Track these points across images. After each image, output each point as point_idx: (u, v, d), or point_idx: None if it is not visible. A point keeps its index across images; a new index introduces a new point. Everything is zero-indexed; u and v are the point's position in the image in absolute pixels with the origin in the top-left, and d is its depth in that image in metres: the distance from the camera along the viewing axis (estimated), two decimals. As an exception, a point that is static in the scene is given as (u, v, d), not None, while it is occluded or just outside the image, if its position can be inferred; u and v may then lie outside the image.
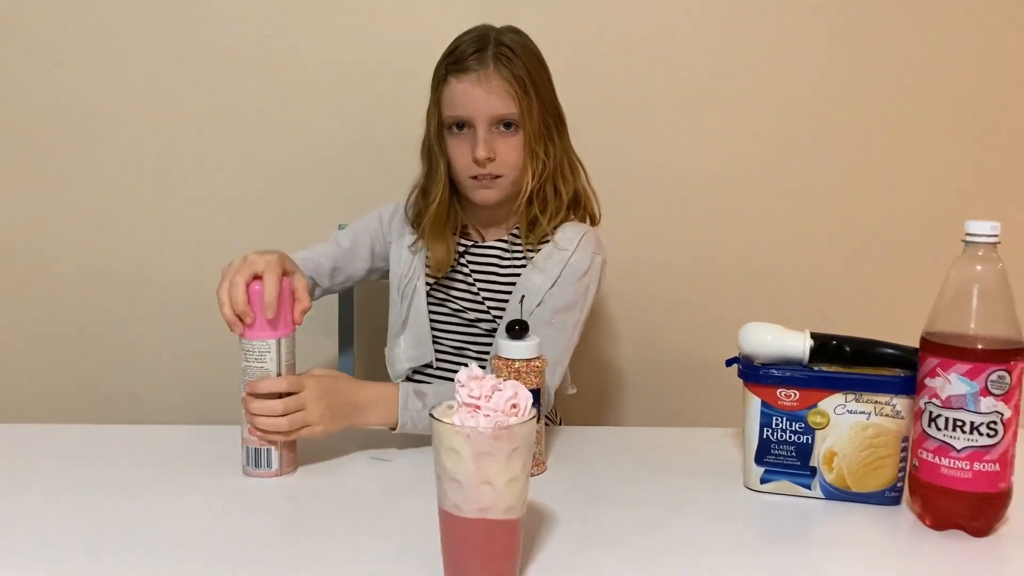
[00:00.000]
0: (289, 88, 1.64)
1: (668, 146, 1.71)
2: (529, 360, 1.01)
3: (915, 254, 1.74)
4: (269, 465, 1.04)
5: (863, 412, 0.97)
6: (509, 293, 1.26)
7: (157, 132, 1.63)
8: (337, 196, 1.66)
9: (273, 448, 1.04)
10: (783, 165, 1.73)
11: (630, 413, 1.67)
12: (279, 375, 1.04)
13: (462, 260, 1.30)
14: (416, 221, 1.31)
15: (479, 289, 1.29)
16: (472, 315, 1.28)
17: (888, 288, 1.76)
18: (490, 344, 1.29)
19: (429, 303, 1.31)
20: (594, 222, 1.31)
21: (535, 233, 1.25)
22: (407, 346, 1.31)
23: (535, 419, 0.78)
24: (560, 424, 1.41)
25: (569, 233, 1.25)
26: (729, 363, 1.05)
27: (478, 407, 0.75)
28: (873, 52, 1.71)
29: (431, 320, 1.30)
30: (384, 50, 1.63)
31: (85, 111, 1.62)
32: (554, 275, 1.23)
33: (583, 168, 1.30)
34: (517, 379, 0.96)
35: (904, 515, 0.96)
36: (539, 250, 1.25)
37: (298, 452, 1.08)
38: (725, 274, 1.72)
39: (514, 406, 0.76)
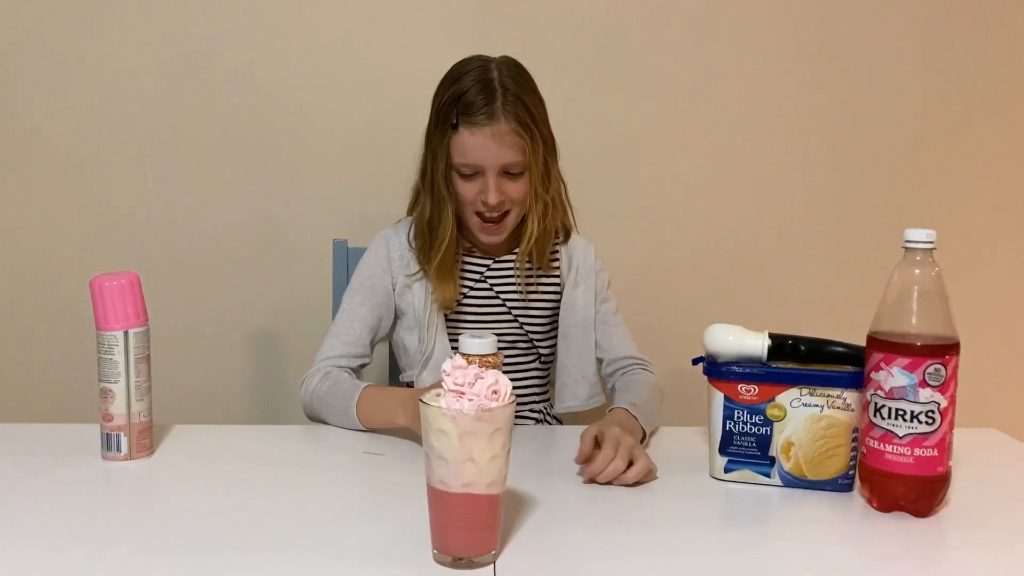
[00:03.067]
0: (285, 100, 1.73)
1: (630, 154, 1.82)
2: (484, 355, 1.07)
3: (862, 260, 1.88)
4: (119, 449, 1.11)
5: (817, 405, 1.05)
6: (538, 307, 1.37)
7: (150, 142, 1.72)
8: (332, 207, 1.75)
9: (122, 434, 1.11)
10: (744, 178, 1.85)
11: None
12: (127, 367, 1.10)
13: (483, 282, 1.39)
14: (423, 257, 1.36)
15: (509, 307, 1.39)
16: (510, 337, 1.37)
17: (838, 291, 1.90)
18: (524, 364, 1.40)
19: (448, 330, 1.38)
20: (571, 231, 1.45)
21: (542, 261, 1.38)
22: (430, 373, 1.35)
23: (514, 403, 0.86)
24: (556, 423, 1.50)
25: (581, 244, 1.43)
26: (695, 362, 1.13)
27: (463, 393, 0.84)
28: (826, 69, 1.84)
29: (452, 348, 1.36)
30: (382, 62, 1.73)
31: (83, 118, 1.71)
32: (592, 286, 1.40)
33: (564, 185, 1.40)
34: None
35: (856, 500, 1.05)
36: (555, 266, 1.40)
37: (153, 439, 1.14)
38: (690, 279, 1.86)
39: (495, 392, 0.84)
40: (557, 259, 1.43)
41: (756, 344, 1.09)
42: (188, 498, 1.02)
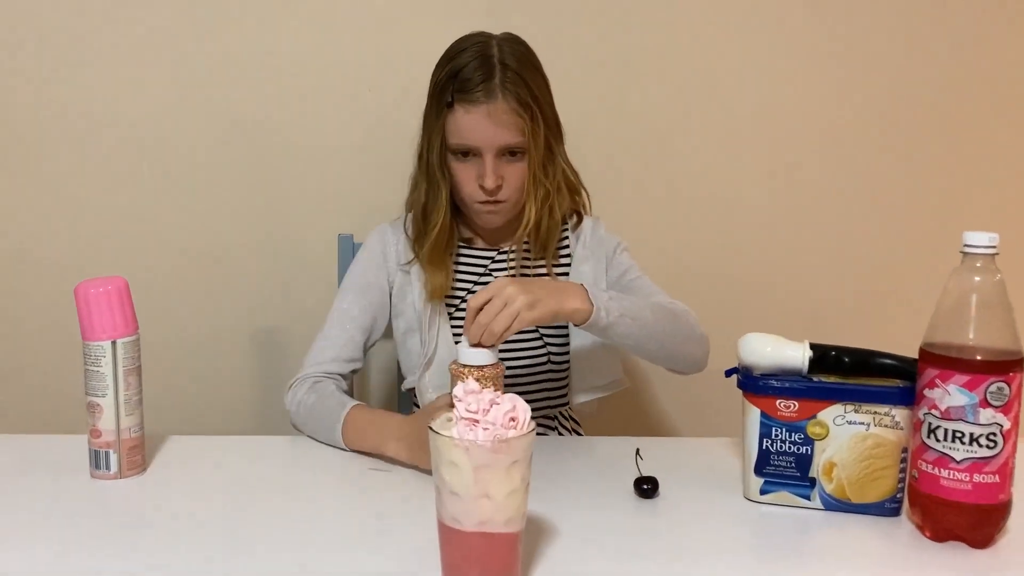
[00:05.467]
0: (287, 90, 1.64)
1: (666, 154, 1.71)
2: (484, 367, 0.98)
3: (913, 264, 1.75)
4: (108, 467, 1.04)
5: (862, 423, 0.97)
6: None
7: (153, 137, 1.63)
8: (336, 202, 1.66)
9: (111, 450, 1.03)
10: (782, 175, 1.74)
11: (629, 423, 1.67)
12: (115, 380, 1.02)
13: (487, 276, 1.30)
14: (417, 245, 1.28)
15: None
16: (519, 334, 1.25)
17: (886, 298, 1.77)
18: (533, 362, 1.30)
19: (453, 329, 1.29)
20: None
21: (547, 251, 1.29)
22: (433, 375, 1.27)
23: (534, 432, 0.78)
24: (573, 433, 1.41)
25: (588, 223, 1.34)
26: (728, 373, 1.05)
27: (477, 421, 0.75)
28: (873, 62, 1.72)
29: (456, 344, 1.27)
30: (388, 50, 1.63)
31: (84, 114, 1.62)
32: (601, 257, 1.30)
33: (573, 170, 1.30)
34: (489, 383, 0.96)
35: (904, 526, 0.96)
36: (565, 254, 1.31)
37: (145, 455, 1.08)
38: (724, 284, 1.74)
39: (512, 419, 0.76)
40: (567, 247, 1.34)
41: (796, 355, 1.00)
42: (180, 522, 0.94)
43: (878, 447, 0.97)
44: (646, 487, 1.02)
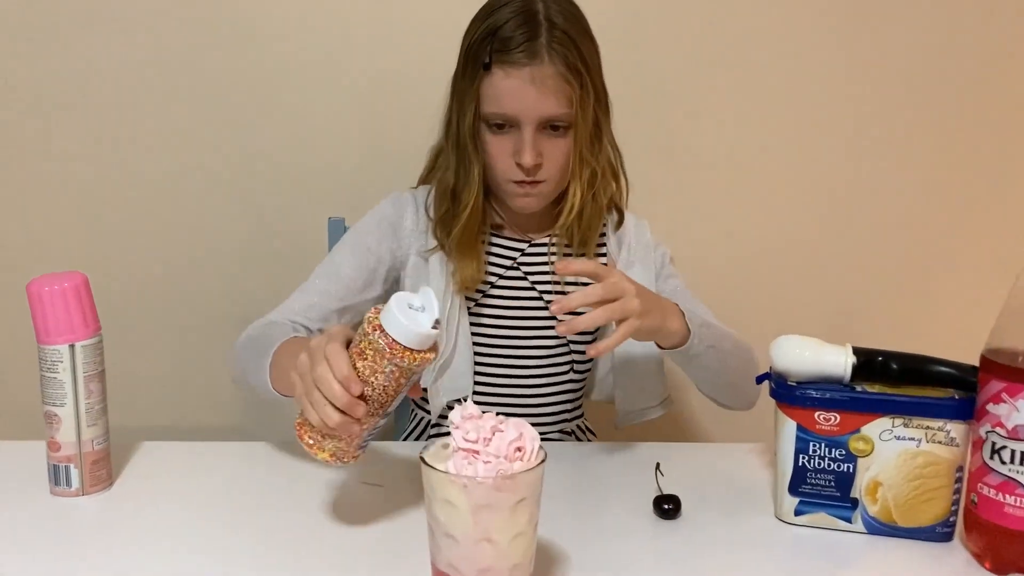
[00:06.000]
0: (272, 61, 1.51)
1: (694, 147, 1.58)
2: (399, 345, 0.75)
3: (976, 261, 1.59)
4: (68, 484, 0.94)
5: (912, 439, 0.86)
6: None
7: (126, 112, 1.50)
8: (327, 185, 1.53)
9: (72, 465, 0.93)
10: (825, 158, 1.60)
11: (649, 428, 1.54)
12: (75, 387, 0.92)
13: (514, 268, 1.16)
14: (442, 228, 1.12)
15: (547, 301, 1.15)
16: (543, 338, 1.16)
17: (942, 299, 1.62)
18: (556, 371, 1.18)
19: (471, 326, 1.15)
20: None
21: (587, 245, 1.15)
22: (450, 378, 1.14)
23: (543, 463, 0.67)
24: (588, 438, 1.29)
25: (632, 222, 1.20)
26: (759, 380, 0.94)
27: (476, 452, 0.65)
28: (918, 52, 1.57)
29: (476, 349, 1.15)
30: (384, 18, 1.49)
31: (41, 83, 1.49)
32: (651, 265, 1.17)
33: (618, 152, 1.15)
34: (373, 361, 0.76)
35: (958, 553, 0.86)
36: (601, 252, 1.18)
37: (112, 468, 0.98)
38: (755, 280, 1.59)
39: (518, 449, 0.65)
40: (604, 244, 1.20)
41: (837, 361, 0.89)
42: (148, 544, 0.84)
43: (930, 466, 0.86)
44: (667, 507, 0.91)
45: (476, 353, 1.15)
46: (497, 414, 0.68)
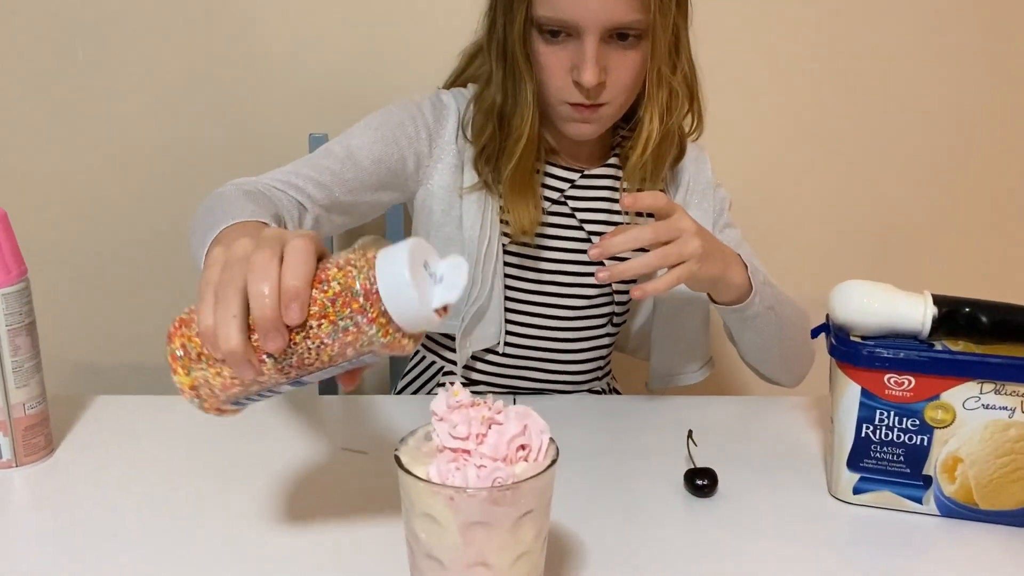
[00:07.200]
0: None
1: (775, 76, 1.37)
2: (376, 314, 0.51)
3: None
4: None
5: (1004, 408, 0.71)
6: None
7: (83, 14, 1.31)
8: (308, 94, 1.34)
9: (1, 433, 0.80)
10: (901, 87, 1.40)
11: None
12: None
13: (561, 204, 0.97)
14: (485, 162, 0.93)
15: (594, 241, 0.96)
16: (585, 286, 0.99)
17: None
18: (595, 323, 1.02)
19: (506, 266, 0.98)
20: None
21: (656, 180, 0.95)
22: (486, 325, 0.97)
23: (554, 464, 0.52)
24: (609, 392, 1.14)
25: (692, 155, 1.00)
26: (816, 332, 0.79)
27: (467, 453, 0.49)
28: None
29: (508, 298, 0.99)
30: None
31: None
32: (709, 207, 0.99)
33: (694, 70, 0.95)
34: (334, 308, 0.51)
35: (1052, 542, 0.72)
36: (660, 190, 0.98)
37: (53, 433, 0.84)
38: (816, 217, 1.39)
39: (522, 448, 0.50)
40: (662, 180, 1.00)
41: (914, 313, 0.73)
42: (90, 525, 0.71)
43: (1024, 440, 0.71)
44: (701, 483, 0.77)
45: (507, 299, 0.99)
46: (502, 400, 0.52)
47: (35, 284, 0.82)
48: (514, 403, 0.53)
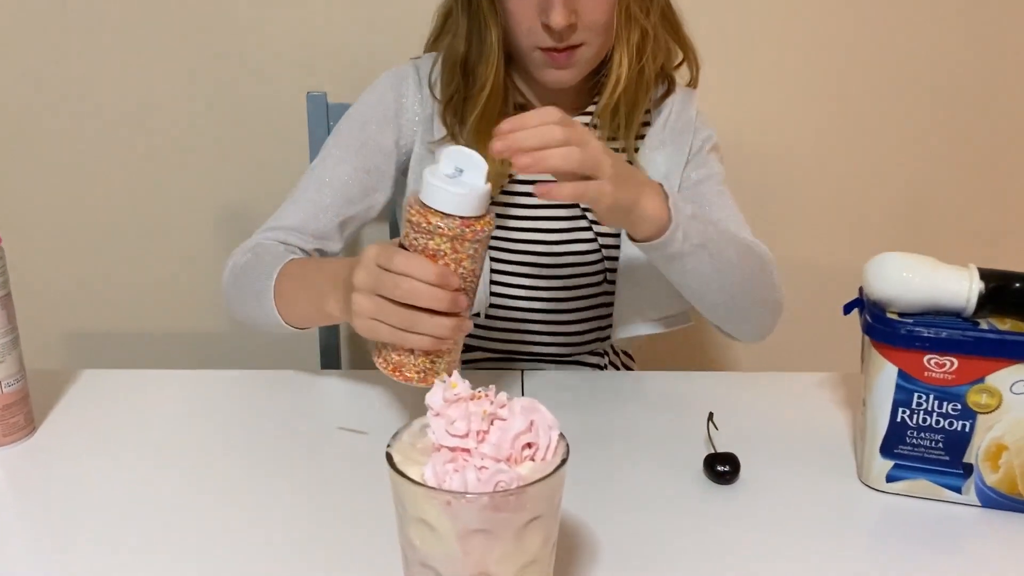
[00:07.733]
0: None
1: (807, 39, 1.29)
2: (467, 218, 0.64)
3: None
4: None
5: (1056, 392, 0.65)
6: None
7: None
8: (305, 49, 1.27)
9: None
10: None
11: (694, 349, 1.32)
12: None
13: None
14: (452, 112, 0.91)
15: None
16: (575, 242, 0.94)
17: None
18: (588, 281, 0.97)
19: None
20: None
21: (631, 125, 0.90)
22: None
23: (564, 463, 0.46)
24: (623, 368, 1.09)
25: (679, 95, 0.95)
26: (848, 309, 0.73)
27: (466, 452, 0.44)
28: None
29: (495, 272, 0.95)
30: None
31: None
32: (683, 145, 0.93)
33: (673, 10, 0.91)
34: (452, 252, 0.64)
35: (1102, 537, 0.67)
36: (644, 134, 0.93)
37: (34, 411, 0.80)
38: (848, 183, 1.30)
39: (528, 446, 0.45)
40: (648, 123, 0.96)
41: (958, 288, 0.67)
42: (72, 510, 0.68)
43: (1076, 427, 0.65)
44: (722, 469, 0.72)
45: (492, 259, 0.94)
46: (505, 393, 0.47)
47: (10, 254, 0.77)
48: (522, 389, 0.47)
